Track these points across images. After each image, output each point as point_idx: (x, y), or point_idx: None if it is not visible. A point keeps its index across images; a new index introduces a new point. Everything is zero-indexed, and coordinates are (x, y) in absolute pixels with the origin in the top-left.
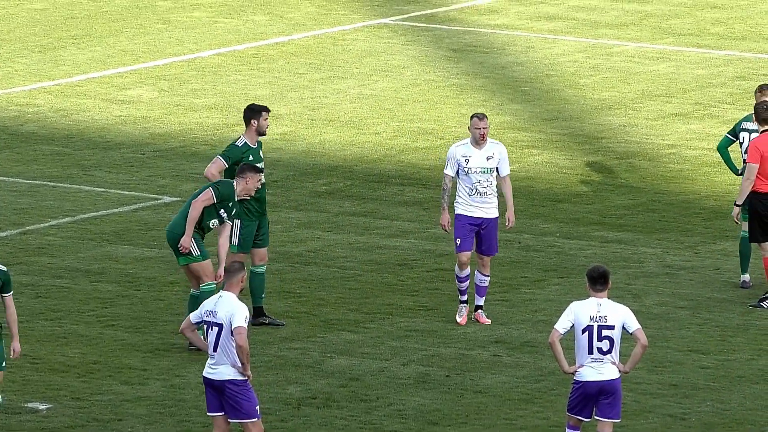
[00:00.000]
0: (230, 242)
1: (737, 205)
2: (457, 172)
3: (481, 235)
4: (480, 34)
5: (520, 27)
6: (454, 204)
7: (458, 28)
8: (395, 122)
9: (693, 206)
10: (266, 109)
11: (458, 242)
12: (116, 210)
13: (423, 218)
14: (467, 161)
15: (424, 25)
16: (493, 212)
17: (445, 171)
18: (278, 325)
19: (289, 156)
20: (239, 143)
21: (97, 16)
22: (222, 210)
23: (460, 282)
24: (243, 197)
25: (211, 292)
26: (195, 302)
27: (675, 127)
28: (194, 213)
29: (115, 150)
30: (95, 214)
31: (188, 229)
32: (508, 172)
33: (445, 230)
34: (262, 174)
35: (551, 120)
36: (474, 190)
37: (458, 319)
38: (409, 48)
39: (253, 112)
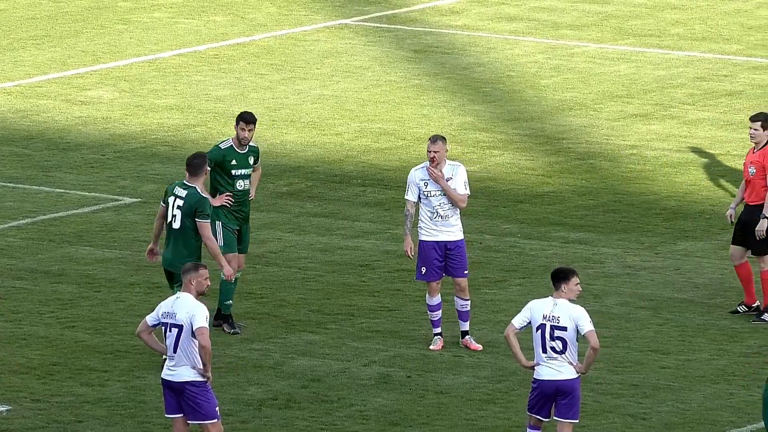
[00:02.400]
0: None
1: (766, 218)
2: (419, 197)
3: (449, 258)
4: (441, 34)
5: (481, 28)
6: (418, 229)
7: (419, 29)
8: (357, 123)
9: (653, 207)
10: (246, 120)
11: (423, 271)
12: (76, 211)
13: (384, 219)
14: (426, 185)
15: (386, 25)
16: (457, 234)
17: (406, 197)
18: (236, 332)
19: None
20: (223, 145)
21: (57, 17)
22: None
23: (431, 311)
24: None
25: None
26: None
27: (635, 128)
28: (213, 246)
29: (75, 151)
30: (55, 215)
31: (218, 259)
32: (465, 193)
33: (409, 256)
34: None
35: (512, 121)
36: (435, 214)
37: (431, 347)
38: (371, 49)
39: (236, 120)
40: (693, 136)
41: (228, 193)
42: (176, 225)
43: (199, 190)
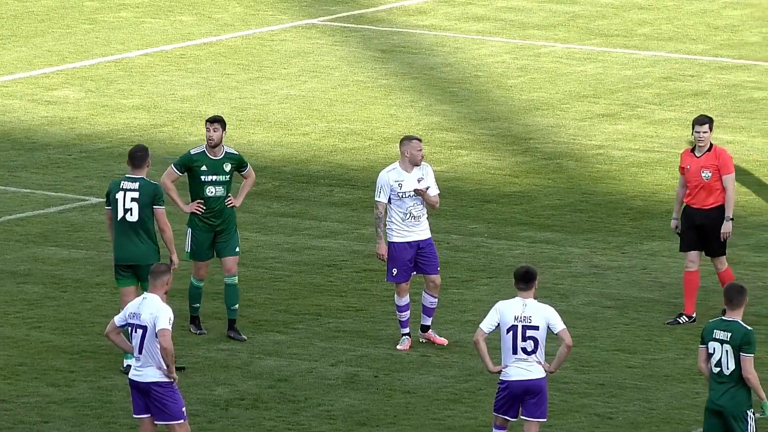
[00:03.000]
0: (185, 249)
1: (732, 219)
2: (389, 198)
3: (421, 256)
4: (408, 34)
5: (449, 28)
6: (387, 231)
7: (386, 29)
8: (324, 123)
9: (620, 206)
10: (209, 120)
11: (394, 272)
12: (42, 211)
13: (352, 219)
14: (401, 186)
15: (353, 25)
16: (427, 233)
17: (378, 199)
18: (240, 340)
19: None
20: (194, 150)
21: (23, 16)
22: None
23: (400, 312)
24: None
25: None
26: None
27: (602, 128)
28: (169, 234)
29: (41, 151)
30: (21, 215)
31: (171, 246)
32: (437, 193)
33: (383, 260)
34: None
35: (479, 121)
36: (408, 215)
37: (399, 347)
38: (338, 49)
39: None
40: (659, 135)
41: (199, 201)
42: (133, 218)
43: (149, 180)
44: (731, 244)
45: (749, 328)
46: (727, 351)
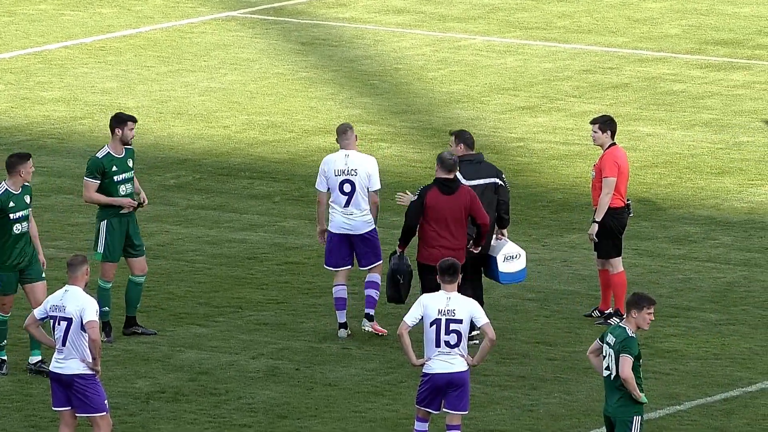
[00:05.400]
0: (96, 249)
1: (597, 222)
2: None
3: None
4: (328, 27)
5: (369, 20)
6: (371, 220)
7: (307, 21)
8: (244, 115)
9: (541, 199)
10: (133, 119)
11: None
12: None
13: (272, 212)
14: None
15: (273, 18)
16: None
17: (379, 187)
18: (150, 334)
19: (137, 149)
20: (100, 154)
21: None
22: (12, 213)
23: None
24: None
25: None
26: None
27: (522, 120)
28: None
29: None
30: None
31: None
32: None
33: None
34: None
35: (400, 113)
36: None
37: (379, 329)
38: (258, 41)
39: (119, 122)
40: (579, 128)
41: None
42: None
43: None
44: (651, 237)
45: (632, 335)
46: (610, 355)
